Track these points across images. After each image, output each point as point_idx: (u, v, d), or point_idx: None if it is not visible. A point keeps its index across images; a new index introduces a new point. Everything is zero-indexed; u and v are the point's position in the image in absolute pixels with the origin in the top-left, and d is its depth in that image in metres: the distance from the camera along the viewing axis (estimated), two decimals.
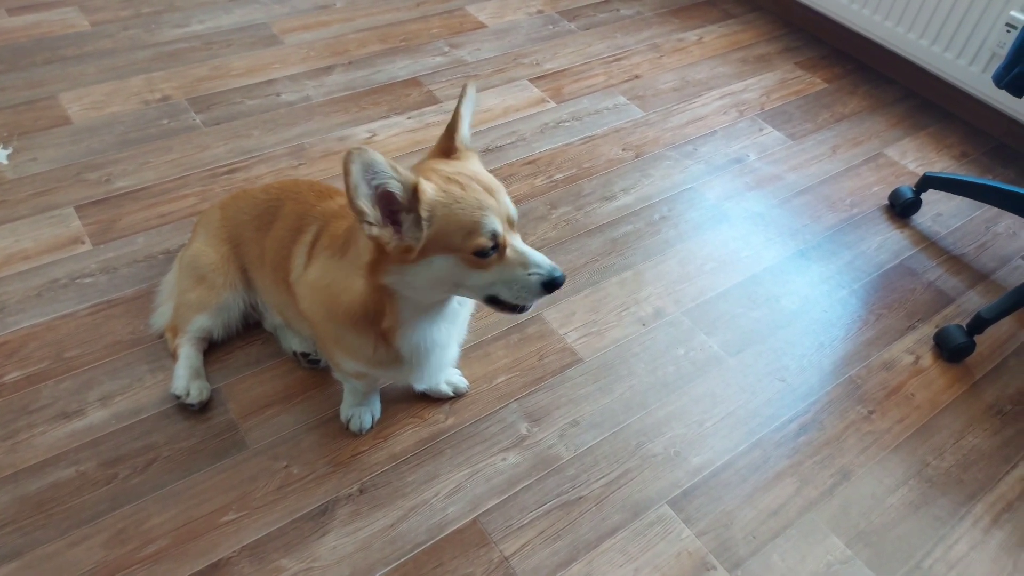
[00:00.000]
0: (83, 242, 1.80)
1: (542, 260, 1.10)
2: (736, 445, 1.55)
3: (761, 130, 2.40)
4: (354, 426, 1.50)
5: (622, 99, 2.46)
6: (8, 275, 1.71)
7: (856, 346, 1.78)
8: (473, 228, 1.03)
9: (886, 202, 2.18)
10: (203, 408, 1.50)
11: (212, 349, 1.60)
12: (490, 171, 2.12)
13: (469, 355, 1.67)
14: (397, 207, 1.03)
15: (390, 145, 2.17)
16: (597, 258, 1.92)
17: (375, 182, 0.99)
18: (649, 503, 1.44)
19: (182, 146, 2.09)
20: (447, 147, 1.15)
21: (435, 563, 1.33)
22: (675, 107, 2.45)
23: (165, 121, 2.17)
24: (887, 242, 2.06)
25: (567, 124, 2.33)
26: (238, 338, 1.63)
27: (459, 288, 1.12)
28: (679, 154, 2.27)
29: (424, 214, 1.02)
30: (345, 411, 1.51)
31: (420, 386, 1.56)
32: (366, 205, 1.00)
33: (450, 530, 1.38)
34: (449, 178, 1.05)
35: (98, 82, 2.28)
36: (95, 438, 1.44)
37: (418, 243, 1.05)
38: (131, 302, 1.68)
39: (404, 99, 2.35)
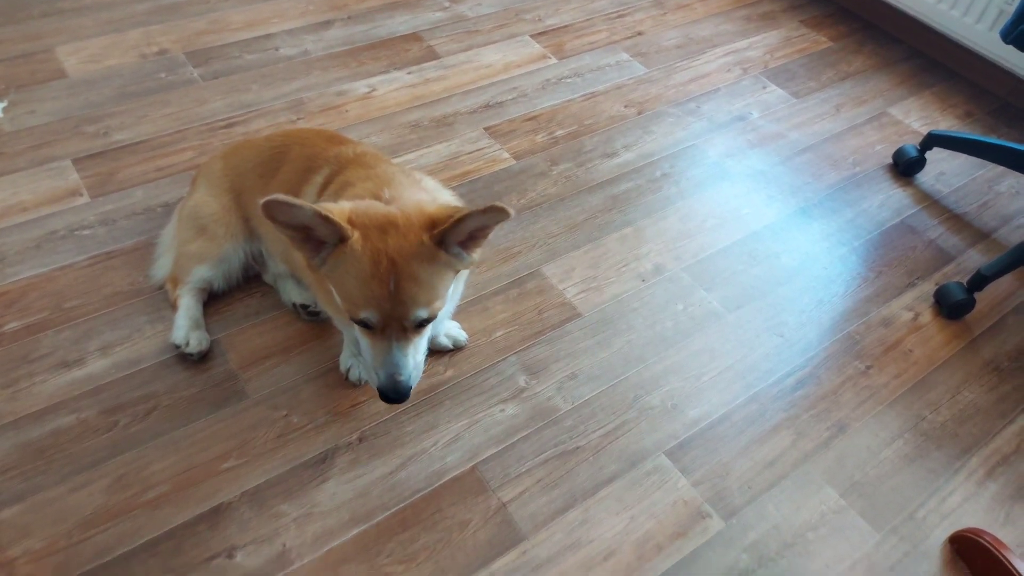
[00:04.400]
0: (81, 194, 1.80)
1: (392, 368, 1.08)
2: (733, 398, 1.56)
3: (764, 88, 2.37)
4: (353, 376, 1.50)
5: (625, 56, 2.43)
6: (6, 227, 1.71)
7: (855, 303, 1.78)
8: (354, 307, 1.06)
9: (889, 161, 2.16)
10: (203, 358, 1.51)
11: (212, 300, 1.60)
12: (489, 127, 2.13)
13: (468, 309, 1.67)
14: (322, 240, 1.06)
15: (389, 100, 2.15)
16: (597, 214, 1.91)
17: (302, 224, 1.02)
18: (646, 453, 1.46)
19: (180, 100, 2.07)
20: (438, 233, 1.05)
21: (434, 509, 1.34)
22: (678, 64, 2.42)
23: (163, 75, 2.14)
24: (889, 200, 2.05)
25: (569, 80, 2.30)
26: (238, 290, 1.63)
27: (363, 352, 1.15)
28: (681, 111, 2.25)
29: (334, 261, 1.05)
30: (344, 361, 1.52)
31: None
32: (288, 233, 1.04)
33: (448, 477, 1.39)
34: (377, 261, 1.02)
35: (95, 35, 2.25)
36: (95, 387, 1.45)
37: (319, 270, 1.09)
38: (130, 254, 1.67)
39: (404, 54, 2.32)
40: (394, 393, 1.09)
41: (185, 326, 1.50)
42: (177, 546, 1.25)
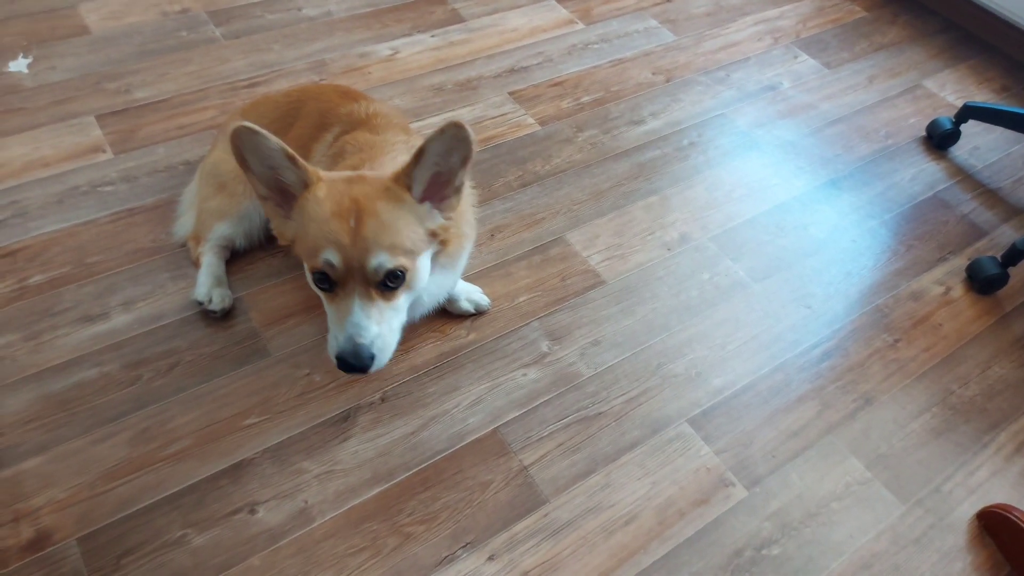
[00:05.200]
0: (104, 151, 1.78)
1: (353, 329, 0.99)
2: (758, 368, 1.54)
3: (796, 58, 2.31)
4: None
5: (653, 22, 2.37)
6: (29, 181, 1.70)
7: (885, 276, 1.74)
8: (313, 252, 1.00)
9: (922, 134, 2.11)
10: (225, 315, 1.50)
11: (235, 259, 1.59)
12: (514, 92, 2.09)
13: (491, 274, 1.65)
14: (290, 192, 1.03)
15: (412, 63, 2.12)
16: (623, 182, 1.88)
17: (269, 164, 1.00)
18: (668, 420, 1.44)
19: (201, 58, 2.05)
20: (404, 173, 1.04)
21: (455, 469, 1.34)
22: (708, 32, 2.37)
23: (184, 33, 2.12)
24: (921, 174, 2.00)
25: (595, 46, 2.26)
26: (260, 249, 1.62)
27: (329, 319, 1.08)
28: (710, 80, 2.20)
29: (296, 215, 1.02)
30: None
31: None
32: (255, 179, 1.02)
33: (470, 439, 1.38)
34: (340, 201, 0.99)
35: None
36: (118, 341, 1.45)
37: (286, 234, 1.05)
38: (152, 211, 1.67)
39: (428, 16, 2.28)
40: (353, 358, 0.99)
41: (207, 283, 1.50)
42: (199, 500, 1.26)
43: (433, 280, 1.20)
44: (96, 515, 1.23)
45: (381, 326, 1.02)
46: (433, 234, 1.09)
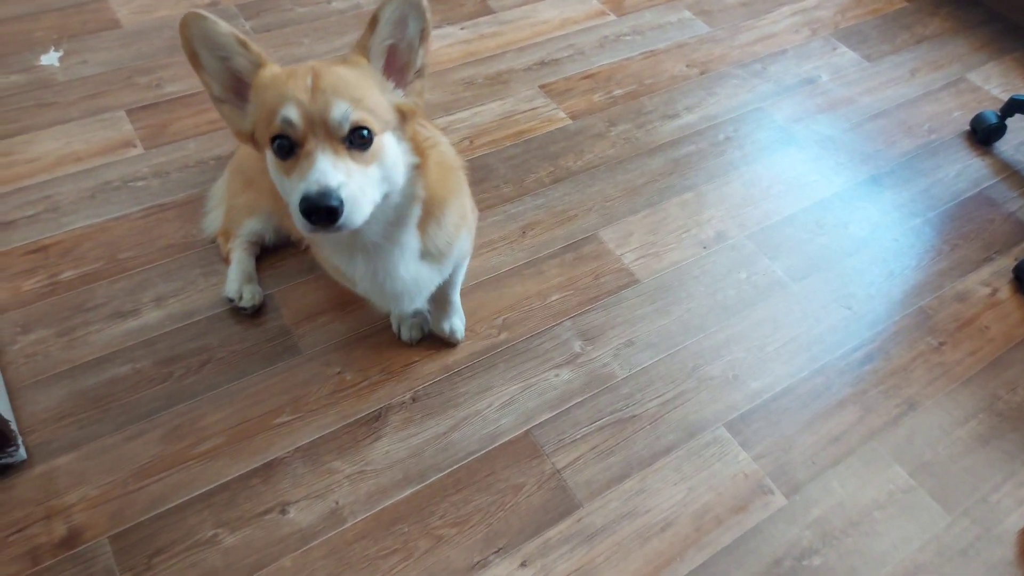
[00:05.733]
0: (135, 146, 1.78)
1: (318, 174, 0.89)
2: (798, 371, 1.50)
3: (835, 50, 2.25)
4: (404, 335, 1.47)
5: (687, 13, 2.32)
6: (61, 176, 1.70)
7: (928, 276, 1.69)
8: (271, 115, 0.92)
9: (967, 128, 2.04)
10: (255, 312, 1.49)
11: (265, 255, 1.58)
12: (545, 85, 2.06)
13: (523, 272, 1.62)
14: (245, 87, 0.98)
15: (442, 56, 2.09)
16: (657, 178, 1.84)
17: (220, 54, 0.96)
18: (705, 424, 1.41)
19: None
20: (359, 44, 0.99)
21: (487, 471, 1.32)
22: (743, 23, 2.31)
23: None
24: (966, 170, 1.93)
25: (628, 38, 2.21)
26: (290, 245, 1.60)
27: (288, 201, 0.97)
28: (746, 73, 2.15)
29: (252, 96, 0.97)
30: (394, 320, 1.49)
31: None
32: (208, 77, 0.98)
33: (502, 441, 1.36)
34: (294, 70, 0.94)
35: None
36: (150, 337, 1.45)
37: (244, 127, 0.99)
38: (183, 206, 1.66)
39: (458, 8, 2.25)
40: (320, 198, 0.88)
41: (238, 279, 1.49)
42: (231, 499, 1.25)
43: (420, 270, 1.17)
44: (128, 513, 1.22)
45: (350, 179, 0.92)
46: (401, 115, 1.00)
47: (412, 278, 1.18)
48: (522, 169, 1.83)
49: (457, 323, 1.48)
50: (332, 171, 0.90)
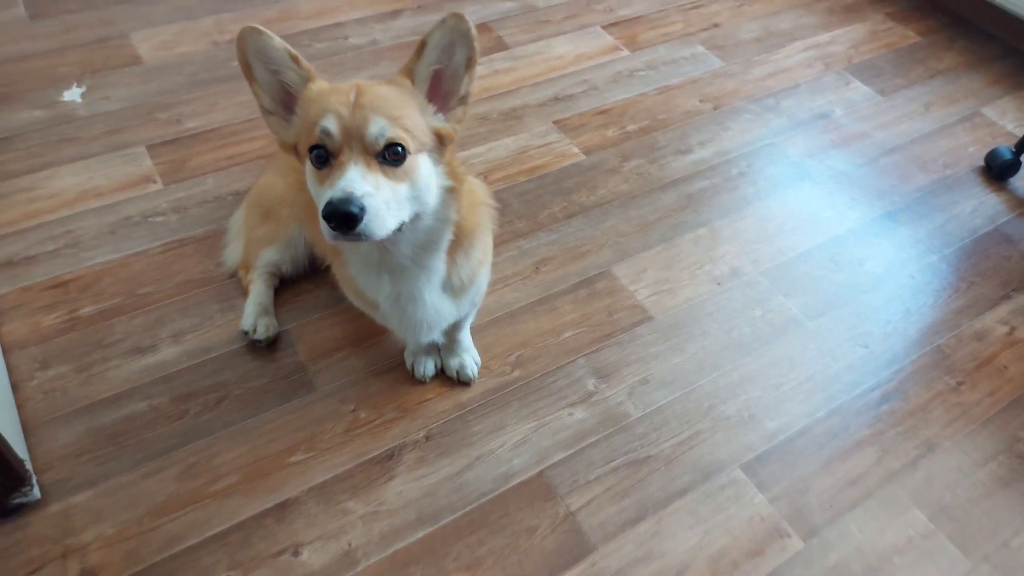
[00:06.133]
0: (155, 181, 1.81)
1: (345, 182, 0.92)
2: (814, 411, 1.49)
3: (848, 84, 2.26)
4: (418, 372, 1.48)
5: (700, 48, 2.34)
6: (83, 211, 1.73)
7: (945, 314, 1.68)
8: (312, 126, 0.96)
9: (982, 163, 2.04)
10: (270, 345, 1.50)
11: (282, 290, 1.60)
12: (559, 120, 2.07)
13: (536, 308, 1.63)
14: (293, 100, 1.03)
15: None
16: (671, 214, 1.84)
17: (272, 68, 1.00)
18: (721, 466, 1.40)
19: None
20: (406, 67, 1.04)
21: (500, 513, 1.31)
22: (756, 58, 2.33)
23: (234, 63, 2.14)
24: (982, 206, 1.93)
25: (641, 73, 2.23)
26: (307, 281, 1.62)
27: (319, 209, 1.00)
28: (760, 107, 2.16)
29: (298, 109, 1.01)
30: (408, 356, 1.50)
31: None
32: (259, 89, 1.02)
33: (516, 481, 1.36)
34: (340, 86, 1.00)
35: (168, 22, 2.28)
36: (167, 374, 1.46)
37: (289, 138, 1.03)
38: (202, 241, 1.68)
39: None
40: (341, 203, 0.90)
41: (254, 312, 1.50)
42: (245, 539, 1.25)
43: (441, 302, 1.20)
44: (144, 552, 1.22)
45: (377, 191, 0.94)
46: (439, 138, 1.03)
47: (434, 307, 1.20)
48: (536, 204, 1.84)
49: (468, 361, 1.49)
50: (360, 181, 0.93)
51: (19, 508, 1.25)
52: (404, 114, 0.97)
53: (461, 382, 1.49)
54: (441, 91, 1.04)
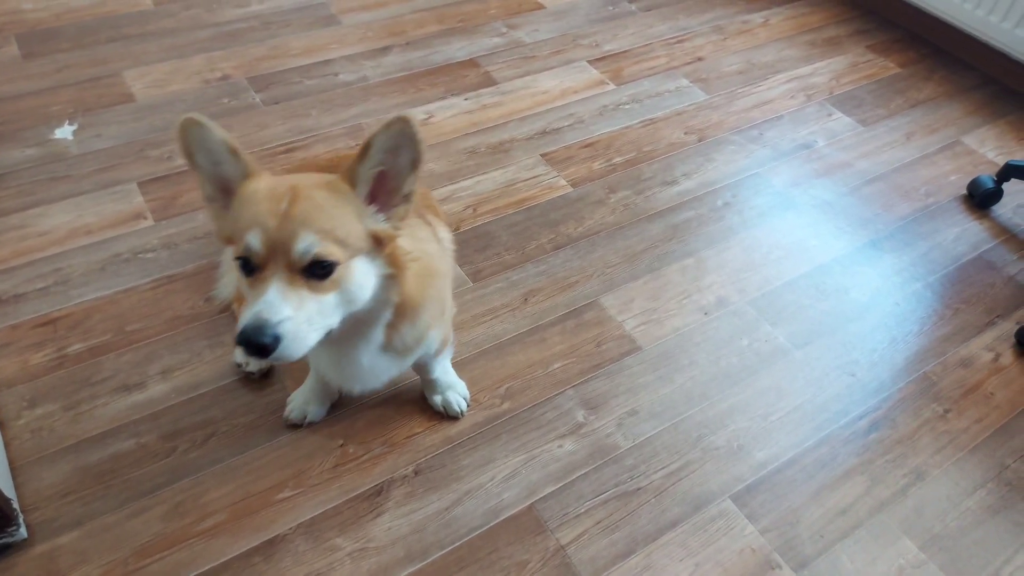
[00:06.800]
0: (145, 218, 1.82)
1: (263, 305, 0.90)
2: (802, 440, 1.49)
3: (830, 115, 2.30)
4: (293, 415, 1.44)
5: (684, 81, 2.38)
6: (72, 248, 1.74)
7: (931, 341, 1.69)
8: (240, 235, 0.93)
9: (964, 192, 2.07)
10: (263, 377, 1.50)
11: None
12: (546, 154, 2.10)
13: (525, 339, 1.63)
14: (233, 189, 0.99)
15: (447, 127, 2.15)
16: (657, 244, 1.86)
17: (213, 159, 0.97)
18: (711, 497, 1.39)
19: (242, 124, 2.10)
20: (348, 169, 0.98)
21: (490, 548, 1.30)
22: (740, 90, 2.37)
23: (225, 100, 2.18)
24: (965, 234, 1.95)
25: (627, 107, 2.27)
26: None
27: None
28: (744, 139, 2.19)
29: (234, 204, 0.97)
30: (292, 397, 1.46)
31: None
32: (202, 177, 0.99)
33: (505, 515, 1.35)
34: (275, 187, 0.94)
35: (160, 60, 2.31)
36: (155, 411, 1.45)
37: (225, 231, 0.99)
38: (191, 277, 1.69)
39: (461, 80, 2.32)
40: (254, 332, 0.88)
41: None
42: None
43: (381, 360, 1.16)
44: None
45: (297, 312, 0.91)
46: (377, 240, 0.99)
47: (371, 367, 1.17)
48: (524, 236, 1.86)
49: (452, 397, 1.48)
50: (279, 303, 0.90)
51: (5, 548, 1.23)
52: (337, 224, 0.94)
53: (450, 416, 1.49)
54: (385, 189, 0.99)
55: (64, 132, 2.04)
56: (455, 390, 1.49)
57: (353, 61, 2.35)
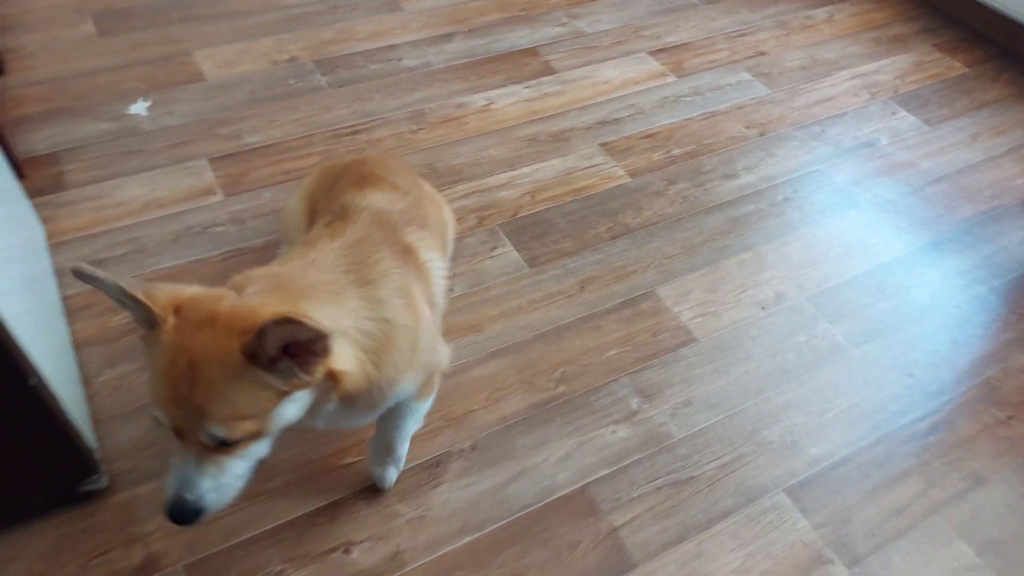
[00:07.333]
0: (215, 193, 1.88)
1: (180, 483, 0.90)
2: (858, 439, 1.49)
3: (894, 114, 2.27)
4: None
5: (746, 75, 2.37)
6: (147, 220, 1.81)
7: (994, 346, 1.66)
8: (150, 399, 0.92)
9: None
10: None
11: None
12: (605, 143, 2.11)
13: (580, 326, 1.65)
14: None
15: (507, 114, 2.17)
16: (715, 237, 1.86)
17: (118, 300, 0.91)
18: (764, 490, 1.40)
19: (308, 106, 2.15)
20: (249, 342, 0.86)
21: (543, 527, 1.33)
22: (802, 86, 2.35)
23: (292, 81, 2.23)
24: None
25: (687, 99, 2.26)
26: None
27: None
28: (805, 135, 2.17)
29: (145, 344, 0.92)
30: None
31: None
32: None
33: (558, 495, 1.38)
34: (176, 354, 0.86)
35: (230, 41, 2.37)
36: None
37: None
38: (259, 252, 1.74)
39: (522, 68, 2.34)
40: (179, 511, 0.91)
41: None
42: (298, 536, 1.29)
43: (345, 413, 1.08)
44: (202, 543, 1.27)
45: (217, 479, 0.93)
46: (292, 388, 0.91)
47: (334, 419, 1.10)
48: (582, 224, 1.88)
49: (392, 473, 1.35)
50: (195, 479, 0.91)
51: (88, 495, 1.30)
52: (242, 407, 0.88)
53: (375, 487, 1.37)
54: (299, 347, 0.88)
55: (138, 108, 2.12)
56: (398, 466, 1.36)
57: (417, 47, 2.38)
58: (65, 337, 1.54)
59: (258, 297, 0.96)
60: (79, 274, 0.87)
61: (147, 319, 0.90)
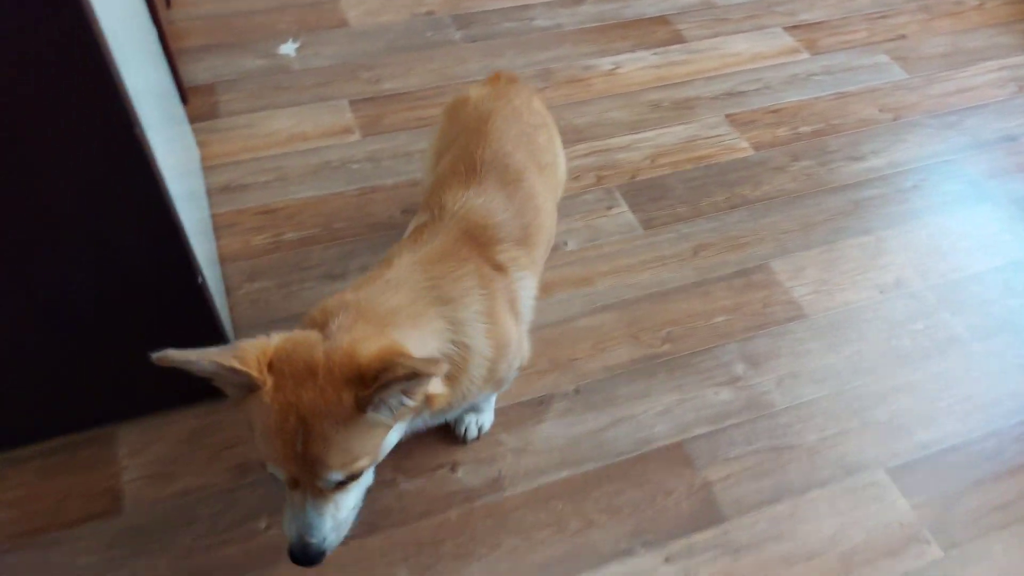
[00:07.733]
0: (353, 132, 2.01)
1: (303, 529, 0.93)
2: (969, 431, 1.46)
3: None
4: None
5: (884, 58, 2.30)
6: (291, 152, 1.95)
7: None
8: (263, 457, 0.92)
9: None
10: None
11: None
12: (730, 115, 2.10)
13: (690, 290, 1.68)
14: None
15: (633, 78, 2.19)
16: (835, 217, 1.84)
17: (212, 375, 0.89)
18: (864, 465, 1.40)
19: (442, 58, 2.24)
20: (364, 394, 0.87)
21: (639, 472, 1.38)
22: (941, 74, 2.26)
23: (429, 33, 2.33)
24: None
25: (818, 78, 2.22)
26: None
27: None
28: (940, 123, 2.09)
29: (245, 411, 0.92)
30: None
31: None
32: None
33: (655, 446, 1.42)
34: (285, 413, 0.86)
35: None
36: None
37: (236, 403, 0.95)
38: (391, 190, 1.85)
39: (651, 35, 2.35)
40: (303, 557, 0.95)
41: None
42: (409, 449, 1.39)
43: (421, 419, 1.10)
44: None
45: (336, 517, 0.96)
46: (397, 419, 0.95)
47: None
48: (699, 192, 1.89)
49: (473, 429, 1.40)
50: (318, 521, 0.94)
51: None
52: (354, 455, 0.91)
53: (459, 436, 1.41)
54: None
55: (288, 48, 2.26)
56: (480, 423, 1.42)
57: (550, 8, 2.43)
58: (213, 251, 1.70)
59: (346, 334, 0.93)
60: (165, 362, 0.83)
61: (245, 385, 0.88)
